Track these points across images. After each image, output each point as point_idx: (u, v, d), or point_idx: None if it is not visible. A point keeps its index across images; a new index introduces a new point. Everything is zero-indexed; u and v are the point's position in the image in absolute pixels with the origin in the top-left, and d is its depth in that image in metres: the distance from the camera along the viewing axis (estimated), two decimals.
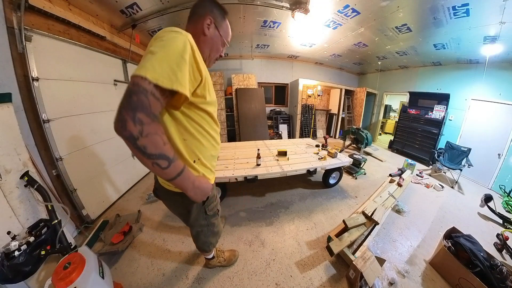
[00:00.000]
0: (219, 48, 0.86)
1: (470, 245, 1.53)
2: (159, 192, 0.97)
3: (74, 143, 2.00)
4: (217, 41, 0.83)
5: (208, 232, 1.12)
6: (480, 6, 2.38)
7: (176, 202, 0.94)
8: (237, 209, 2.37)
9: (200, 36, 0.79)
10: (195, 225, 1.06)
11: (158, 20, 2.91)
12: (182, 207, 0.97)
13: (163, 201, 1.04)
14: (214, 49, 0.84)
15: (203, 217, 1.02)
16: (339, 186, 2.99)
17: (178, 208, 1.01)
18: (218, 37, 0.83)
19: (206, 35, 0.80)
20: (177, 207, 1.00)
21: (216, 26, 0.81)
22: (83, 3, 2.15)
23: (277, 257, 1.71)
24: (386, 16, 2.95)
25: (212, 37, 0.81)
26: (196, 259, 1.66)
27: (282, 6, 2.75)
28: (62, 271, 1.02)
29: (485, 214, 2.55)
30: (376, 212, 1.91)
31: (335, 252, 1.52)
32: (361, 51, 4.68)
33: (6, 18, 1.42)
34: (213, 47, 0.83)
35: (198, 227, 1.08)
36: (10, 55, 1.46)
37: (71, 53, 2.01)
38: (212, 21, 0.79)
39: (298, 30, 3.78)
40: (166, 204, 1.06)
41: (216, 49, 0.85)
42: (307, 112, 6.06)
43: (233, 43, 4.46)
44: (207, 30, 0.79)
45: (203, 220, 1.04)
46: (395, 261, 1.69)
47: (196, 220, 1.02)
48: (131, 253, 1.74)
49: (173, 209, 1.07)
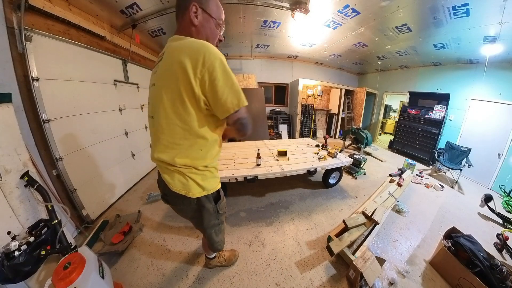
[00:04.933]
0: (215, 32, 0.83)
1: (470, 245, 1.53)
2: (169, 197, 0.93)
3: (74, 143, 2.00)
4: (210, 26, 0.81)
5: (219, 231, 1.12)
6: (480, 6, 2.38)
7: (189, 205, 0.91)
8: (237, 209, 2.36)
9: (191, 29, 0.78)
10: (208, 227, 1.03)
11: (158, 20, 2.92)
12: (195, 210, 0.94)
13: (173, 206, 1.00)
14: (210, 35, 0.82)
15: (215, 217, 1.01)
16: (339, 186, 2.99)
17: (191, 212, 0.97)
18: (209, 20, 0.80)
19: (196, 25, 0.77)
20: (189, 211, 0.97)
21: (203, 9, 0.77)
22: (83, 3, 2.15)
23: (277, 257, 1.71)
24: (386, 16, 2.96)
25: (203, 24, 0.79)
26: (196, 259, 1.66)
27: (282, 6, 2.76)
28: (62, 271, 1.02)
29: (485, 214, 2.55)
30: (376, 212, 1.91)
31: (335, 252, 1.52)
32: (361, 51, 4.69)
33: (6, 18, 1.42)
34: (208, 34, 0.81)
35: (211, 228, 1.05)
36: (10, 55, 1.45)
37: (71, 53, 2.01)
38: (197, 7, 0.76)
39: (298, 30, 3.78)
40: (176, 209, 1.02)
41: (213, 34, 0.83)
42: (307, 112, 6.06)
43: (233, 42, 4.46)
44: (195, 19, 0.76)
45: (215, 219, 1.03)
46: (395, 261, 1.69)
47: (210, 221, 1.00)
48: (131, 253, 1.73)
49: (184, 214, 1.03)
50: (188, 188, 0.84)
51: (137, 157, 3.11)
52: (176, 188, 0.84)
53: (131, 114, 3.02)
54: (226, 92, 0.72)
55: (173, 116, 0.76)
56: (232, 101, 0.74)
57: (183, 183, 0.84)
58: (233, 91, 0.74)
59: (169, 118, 0.76)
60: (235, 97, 0.74)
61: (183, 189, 0.84)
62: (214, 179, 0.94)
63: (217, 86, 0.71)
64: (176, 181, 0.83)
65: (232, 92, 0.74)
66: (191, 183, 0.84)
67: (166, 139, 0.79)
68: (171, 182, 0.84)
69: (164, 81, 0.76)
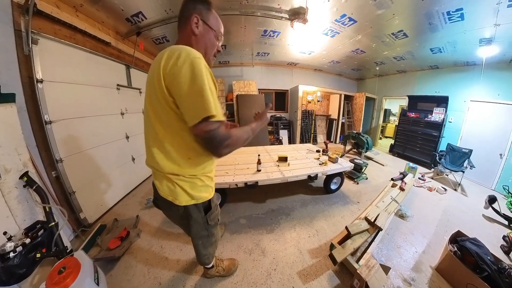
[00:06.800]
0: (214, 43, 0.86)
1: (476, 249, 1.49)
2: (159, 202, 0.93)
3: (75, 145, 2.00)
4: (209, 36, 0.84)
5: (207, 243, 1.08)
6: (474, 10, 2.43)
7: (177, 212, 0.90)
8: (237, 215, 2.31)
9: (191, 38, 0.80)
10: (196, 237, 1.03)
11: (162, 29, 3.01)
12: (183, 217, 0.92)
13: (163, 211, 1.01)
14: (209, 45, 0.85)
15: (204, 228, 0.99)
16: (341, 192, 2.95)
17: (179, 219, 0.97)
18: (209, 32, 0.83)
19: (197, 34, 0.80)
20: (177, 218, 0.96)
21: (204, 21, 0.81)
22: (90, 10, 2.23)
23: (279, 266, 1.64)
24: (382, 24, 3.04)
25: (203, 34, 0.82)
26: (194, 268, 1.60)
27: (281, 17, 2.85)
28: (56, 275, 1.00)
29: (490, 216, 2.51)
30: (379, 218, 1.87)
31: (338, 260, 1.47)
32: (359, 57, 4.78)
33: (14, 21, 1.46)
34: (207, 43, 0.84)
35: (198, 239, 1.04)
36: (16, 57, 1.49)
37: (76, 57, 2.05)
38: (198, 19, 0.79)
39: (297, 39, 3.89)
40: (166, 215, 1.03)
41: (211, 44, 0.85)
42: (307, 118, 6.11)
43: (234, 51, 4.57)
44: (196, 29, 0.79)
45: (204, 230, 1.00)
46: (401, 269, 1.63)
47: (198, 231, 0.99)
48: (128, 260, 1.68)
49: (173, 219, 1.04)
50: (175, 195, 0.83)
51: (138, 161, 3.10)
52: (163, 193, 0.84)
53: (133, 118, 3.04)
54: (192, 96, 0.65)
55: (155, 120, 0.75)
56: (196, 108, 0.65)
57: (170, 189, 0.83)
58: (199, 97, 0.64)
59: (152, 122, 0.76)
60: (200, 105, 0.65)
61: (170, 195, 0.83)
62: (205, 188, 0.90)
63: (182, 88, 0.65)
64: (165, 186, 0.83)
65: (199, 98, 0.64)
66: (178, 190, 0.82)
67: (153, 145, 0.79)
68: (160, 187, 0.84)
69: (148, 85, 0.76)
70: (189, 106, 0.67)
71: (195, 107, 0.66)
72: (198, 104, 0.65)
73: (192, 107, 0.66)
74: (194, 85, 0.64)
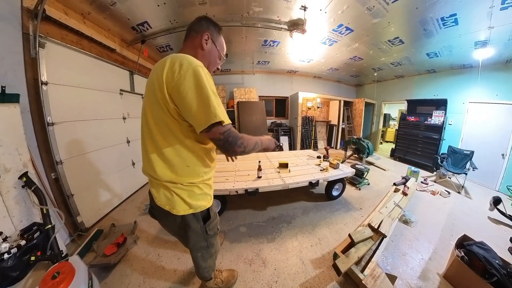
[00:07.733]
0: (216, 61, 0.93)
1: (483, 253, 1.44)
2: (155, 211, 0.91)
3: (75, 148, 2.00)
4: (214, 55, 0.91)
5: (207, 254, 1.05)
6: (467, 15, 2.48)
7: (174, 222, 0.87)
8: (237, 223, 2.25)
9: (198, 50, 0.86)
10: (194, 248, 0.99)
11: (166, 38, 3.12)
12: (180, 228, 0.89)
13: (160, 222, 0.96)
14: (212, 62, 0.91)
15: (203, 238, 0.95)
16: (343, 198, 2.89)
17: (176, 230, 0.93)
18: (215, 51, 0.90)
19: (204, 49, 0.86)
20: (174, 228, 0.93)
21: (213, 41, 0.88)
22: (97, 18, 2.31)
23: (280, 278, 1.56)
24: (379, 31, 3.14)
25: (210, 51, 0.88)
26: (191, 279, 1.53)
27: (281, 28, 2.97)
28: (50, 280, 0.97)
29: (495, 218, 2.45)
30: (382, 224, 1.82)
31: (343, 270, 1.40)
32: (357, 64, 4.89)
33: (22, 25, 1.52)
34: (211, 60, 0.90)
35: (197, 251, 1.01)
36: (22, 59, 1.53)
37: (81, 61, 2.10)
38: (209, 37, 0.86)
39: (296, 48, 4.02)
40: (162, 225, 0.98)
41: (214, 62, 0.92)
42: (308, 124, 6.13)
43: (236, 59, 4.69)
44: (205, 44, 0.85)
45: (203, 241, 0.96)
46: (407, 277, 1.56)
47: (196, 242, 0.95)
48: (123, 268, 1.62)
49: (170, 230, 0.99)
50: (172, 204, 0.81)
51: (138, 165, 3.08)
52: (160, 202, 0.82)
53: (134, 123, 3.06)
54: (199, 103, 0.67)
55: (154, 127, 0.76)
56: (205, 114, 0.68)
57: (168, 197, 0.81)
58: (203, 104, 0.67)
59: (151, 129, 0.77)
60: (208, 111, 0.67)
61: (168, 204, 0.82)
62: (204, 196, 0.88)
63: (186, 96, 0.66)
64: (162, 195, 0.82)
65: (204, 106, 0.67)
66: (176, 198, 0.81)
67: (151, 151, 0.79)
68: (157, 195, 0.83)
69: (148, 92, 0.78)
70: (197, 113, 0.68)
71: (204, 113, 0.68)
72: (207, 111, 0.67)
73: (202, 113, 0.68)
74: (199, 92, 0.67)
